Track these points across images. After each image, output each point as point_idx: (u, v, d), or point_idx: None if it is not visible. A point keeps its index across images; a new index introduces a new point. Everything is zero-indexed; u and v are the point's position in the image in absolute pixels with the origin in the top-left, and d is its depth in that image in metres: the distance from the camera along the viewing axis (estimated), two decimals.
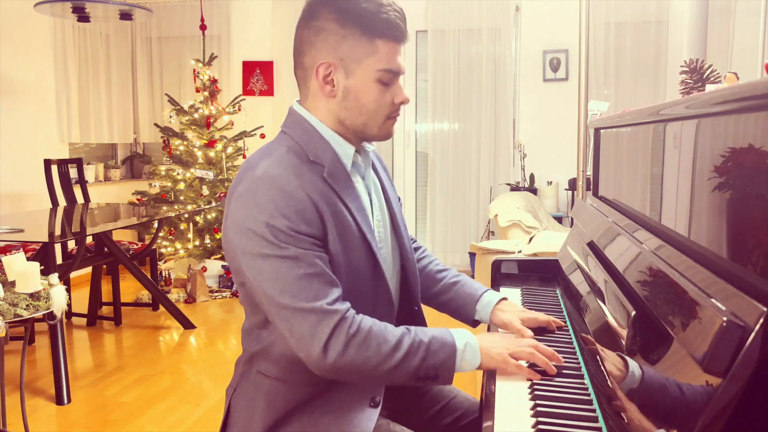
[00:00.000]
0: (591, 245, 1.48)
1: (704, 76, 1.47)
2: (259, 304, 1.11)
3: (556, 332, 1.33)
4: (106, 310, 4.18)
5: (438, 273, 1.41)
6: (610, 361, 1.00)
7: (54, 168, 4.20)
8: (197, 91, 4.80)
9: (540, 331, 1.31)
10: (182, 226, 4.75)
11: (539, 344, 1.14)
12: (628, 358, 0.94)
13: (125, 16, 3.95)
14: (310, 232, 1.06)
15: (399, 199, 1.34)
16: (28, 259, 2.23)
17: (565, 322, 1.40)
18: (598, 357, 1.07)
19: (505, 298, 1.35)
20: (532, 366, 1.12)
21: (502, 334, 1.24)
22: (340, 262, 1.11)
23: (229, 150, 4.86)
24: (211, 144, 4.74)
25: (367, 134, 1.17)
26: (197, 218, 4.74)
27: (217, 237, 4.74)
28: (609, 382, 0.96)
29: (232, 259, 1.11)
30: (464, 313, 1.36)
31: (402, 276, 1.29)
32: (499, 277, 1.84)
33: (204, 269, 4.65)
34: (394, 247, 1.27)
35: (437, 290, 1.39)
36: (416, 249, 1.45)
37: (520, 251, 2.80)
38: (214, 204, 4.64)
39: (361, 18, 1.08)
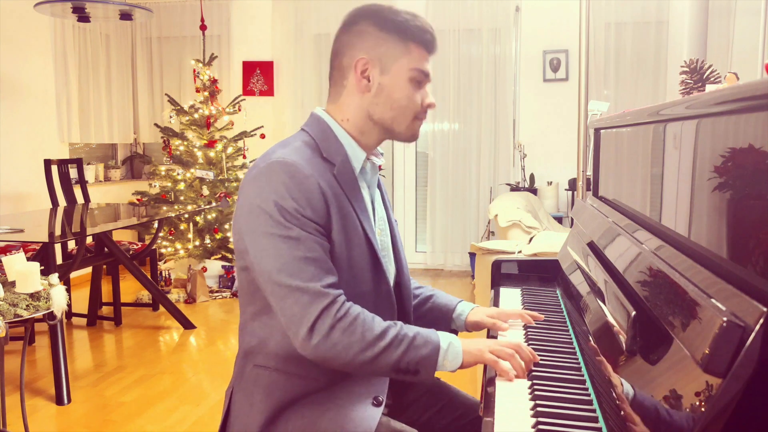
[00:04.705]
0: (591, 245, 1.48)
1: (704, 77, 1.47)
2: (257, 285, 1.14)
3: (556, 332, 1.34)
4: (106, 310, 4.18)
5: (415, 289, 1.46)
6: (610, 361, 1.00)
7: (54, 168, 4.20)
8: (197, 91, 4.80)
9: (539, 331, 1.33)
10: (182, 227, 4.75)
11: (522, 348, 1.15)
12: (628, 358, 0.94)
13: (125, 16, 3.96)
14: (315, 218, 1.11)
15: (396, 221, 1.40)
16: (28, 259, 2.23)
17: (565, 322, 1.40)
18: (598, 357, 1.07)
19: (476, 306, 1.41)
20: (531, 371, 1.13)
21: (488, 340, 1.26)
22: (342, 255, 1.15)
23: (229, 150, 4.86)
24: (211, 144, 4.74)
25: (395, 130, 1.23)
26: (197, 218, 4.74)
27: (218, 237, 4.74)
28: (609, 383, 0.96)
29: (239, 239, 1.15)
30: (441, 323, 1.41)
31: (396, 290, 1.32)
32: (499, 278, 1.84)
33: (204, 269, 4.65)
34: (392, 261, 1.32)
35: (415, 304, 1.43)
36: None
37: (520, 251, 2.79)
38: (214, 204, 4.64)
39: (398, 25, 1.19)
